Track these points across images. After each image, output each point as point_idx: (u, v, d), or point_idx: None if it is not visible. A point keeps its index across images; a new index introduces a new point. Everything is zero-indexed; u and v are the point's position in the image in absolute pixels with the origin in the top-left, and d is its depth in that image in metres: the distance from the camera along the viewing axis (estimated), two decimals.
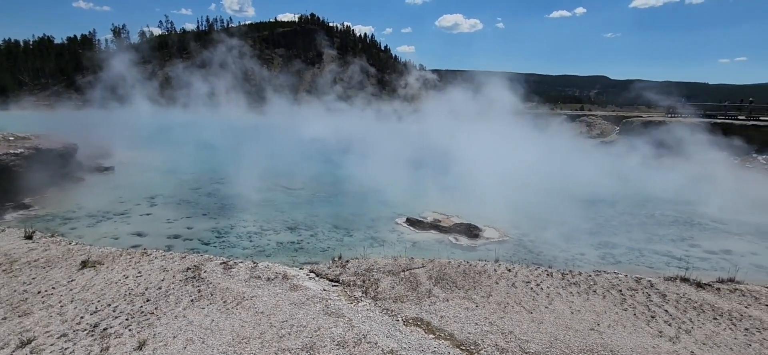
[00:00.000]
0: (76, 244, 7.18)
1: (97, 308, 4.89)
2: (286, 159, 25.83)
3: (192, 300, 5.11)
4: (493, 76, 37.11)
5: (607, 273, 6.60)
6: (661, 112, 38.07)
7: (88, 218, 13.81)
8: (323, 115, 54.49)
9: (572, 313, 5.24)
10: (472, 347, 4.44)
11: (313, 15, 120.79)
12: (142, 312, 4.80)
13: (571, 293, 5.78)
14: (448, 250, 11.50)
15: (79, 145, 19.18)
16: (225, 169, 22.12)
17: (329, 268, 6.52)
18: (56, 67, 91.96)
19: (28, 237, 7.17)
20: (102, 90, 61.24)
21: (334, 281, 6.05)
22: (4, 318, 4.63)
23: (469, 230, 13.08)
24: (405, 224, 13.95)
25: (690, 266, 7.82)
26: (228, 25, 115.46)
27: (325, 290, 5.64)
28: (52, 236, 7.56)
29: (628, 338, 4.71)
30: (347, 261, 6.74)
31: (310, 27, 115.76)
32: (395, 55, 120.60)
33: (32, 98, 78.04)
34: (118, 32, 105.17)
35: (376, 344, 4.28)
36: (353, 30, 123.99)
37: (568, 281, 6.14)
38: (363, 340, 4.33)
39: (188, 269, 5.99)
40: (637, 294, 5.83)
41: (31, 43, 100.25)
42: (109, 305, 4.97)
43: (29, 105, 70.59)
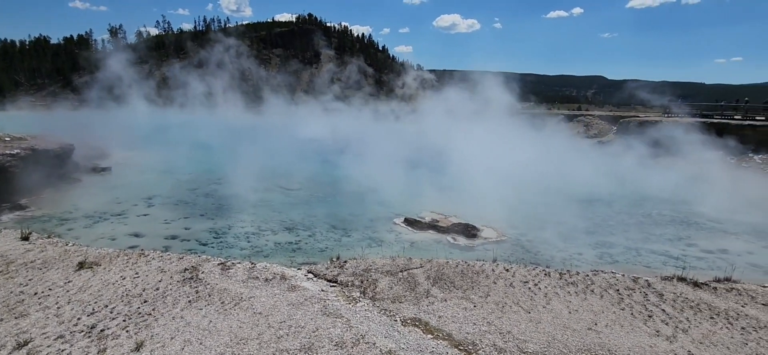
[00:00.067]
0: (73, 245, 7.16)
1: (94, 309, 4.87)
2: (284, 159, 25.80)
3: (190, 301, 5.10)
4: (490, 76, 37.27)
5: (605, 273, 6.63)
6: (658, 112, 38.25)
7: (85, 218, 13.74)
8: (321, 115, 54.56)
9: (570, 312, 5.26)
10: (470, 347, 4.44)
11: (310, 15, 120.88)
12: (140, 313, 4.78)
13: (569, 292, 5.80)
14: (446, 250, 11.51)
15: (75, 145, 19.10)
16: (222, 170, 22.06)
17: (327, 268, 6.52)
18: (53, 68, 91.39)
19: (25, 238, 7.14)
20: (99, 90, 60.92)
21: (333, 281, 6.05)
22: (1, 320, 4.61)
23: (467, 230, 13.10)
24: (403, 224, 13.95)
25: (687, 265, 7.87)
26: (225, 25, 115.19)
27: (323, 290, 5.64)
28: (49, 237, 7.54)
29: (626, 338, 4.73)
30: (345, 261, 6.74)
31: (308, 27, 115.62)
32: (393, 55, 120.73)
33: (29, 98, 77.54)
34: (114, 32, 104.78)
35: (374, 344, 4.28)
36: (351, 30, 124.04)
37: (566, 280, 6.16)
38: (361, 340, 4.33)
39: (186, 269, 5.97)
40: (635, 294, 5.86)
41: (28, 43, 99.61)
42: (107, 306, 4.95)
43: (25, 105, 70.11)
